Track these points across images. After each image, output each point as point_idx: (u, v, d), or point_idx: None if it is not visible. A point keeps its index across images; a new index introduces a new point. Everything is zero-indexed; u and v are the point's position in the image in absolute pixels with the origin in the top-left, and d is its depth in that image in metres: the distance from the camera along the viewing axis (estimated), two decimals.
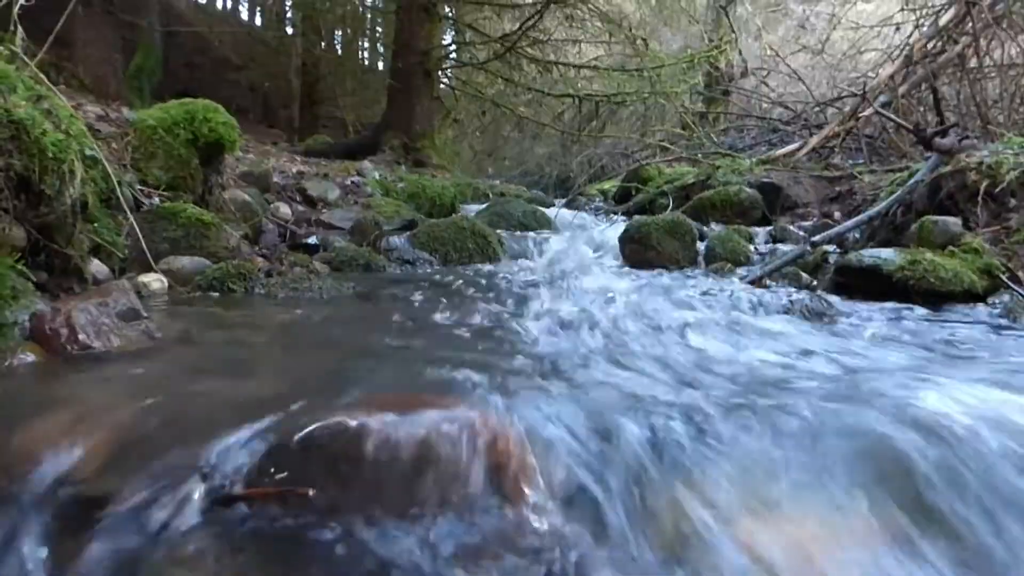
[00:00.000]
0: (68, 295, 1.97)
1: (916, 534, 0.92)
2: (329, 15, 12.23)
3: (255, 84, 14.44)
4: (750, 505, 0.95)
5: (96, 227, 2.38)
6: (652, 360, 1.72)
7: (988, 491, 1.00)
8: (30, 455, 0.90)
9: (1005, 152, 3.32)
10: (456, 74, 10.30)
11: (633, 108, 10.61)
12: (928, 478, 1.02)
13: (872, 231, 3.69)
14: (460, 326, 1.97)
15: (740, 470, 1.02)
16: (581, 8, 8.71)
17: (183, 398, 1.10)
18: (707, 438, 1.10)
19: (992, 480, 1.02)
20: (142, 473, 0.89)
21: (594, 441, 1.08)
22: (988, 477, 1.02)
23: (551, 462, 1.02)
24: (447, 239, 4.07)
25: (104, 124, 3.49)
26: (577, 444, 1.07)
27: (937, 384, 1.38)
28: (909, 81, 6.24)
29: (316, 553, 0.84)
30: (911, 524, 0.94)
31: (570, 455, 1.04)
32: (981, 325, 2.35)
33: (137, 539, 0.82)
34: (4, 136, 1.82)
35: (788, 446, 1.09)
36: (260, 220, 3.71)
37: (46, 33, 3.09)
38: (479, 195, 6.96)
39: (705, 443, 1.08)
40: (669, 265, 3.99)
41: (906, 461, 1.05)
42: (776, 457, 1.06)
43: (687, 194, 6.04)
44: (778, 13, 13.16)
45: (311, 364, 1.54)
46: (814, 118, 8.21)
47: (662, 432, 1.11)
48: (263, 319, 2.10)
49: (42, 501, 0.86)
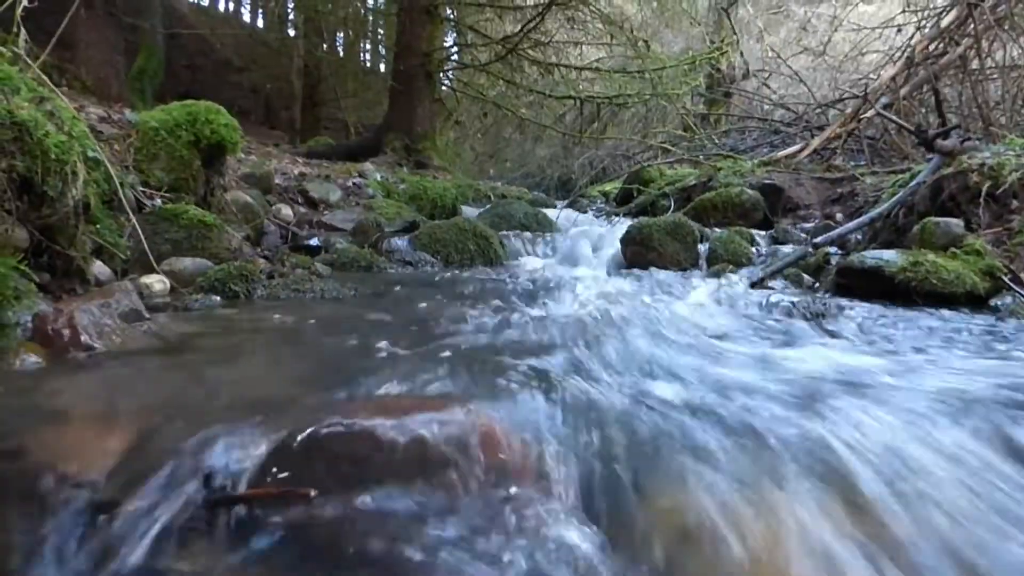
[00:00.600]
0: (70, 296, 1.98)
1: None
2: (331, 17, 12.25)
3: (257, 86, 14.47)
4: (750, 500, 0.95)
5: (98, 228, 2.38)
6: (651, 361, 1.72)
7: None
8: (34, 457, 0.90)
9: (1007, 153, 3.32)
10: (458, 76, 10.30)
11: (634, 110, 10.62)
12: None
13: (874, 233, 3.69)
14: (461, 327, 1.97)
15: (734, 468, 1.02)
16: (582, 10, 8.72)
17: (185, 399, 1.10)
18: (697, 438, 1.10)
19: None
20: (145, 474, 0.90)
21: (594, 440, 1.08)
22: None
23: (551, 462, 1.02)
24: (448, 241, 4.07)
25: (106, 126, 3.50)
26: (578, 445, 1.07)
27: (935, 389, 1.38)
28: (911, 83, 6.24)
29: (317, 553, 0.84)
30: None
31: (572, 456, 1.04)
32: (983, 327, 2.35)
33: (141, 540, 0.82)
34: (7, 137, 1.82)
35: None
36: (262, 222, 3.71)
37: (48, 35, 3.09)
38: (480, 197, 6.97)
39: (695, 443, 1.08)
40: (670, 266, 3.99)
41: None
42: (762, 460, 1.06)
43: (688, 196, 6.04)
44: (780, 15, 13.16)
45: (313, 365, 1.54)
46: (816, 120, 8.20)
47: (661, 430, 1.11)
48: (265, 320, 2.11)
49: (50, 501, 0.86)
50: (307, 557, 0.83)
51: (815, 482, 1.00)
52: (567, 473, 1.01)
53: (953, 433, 1.16)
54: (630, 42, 8.86)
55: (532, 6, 8.92)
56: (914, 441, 1.12)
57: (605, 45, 9.66)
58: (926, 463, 1.06)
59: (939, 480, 1.02)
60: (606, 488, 0.99)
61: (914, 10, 7.11)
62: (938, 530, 0.92)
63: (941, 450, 1.10)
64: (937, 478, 1.02)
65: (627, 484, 0.99)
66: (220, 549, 0.83)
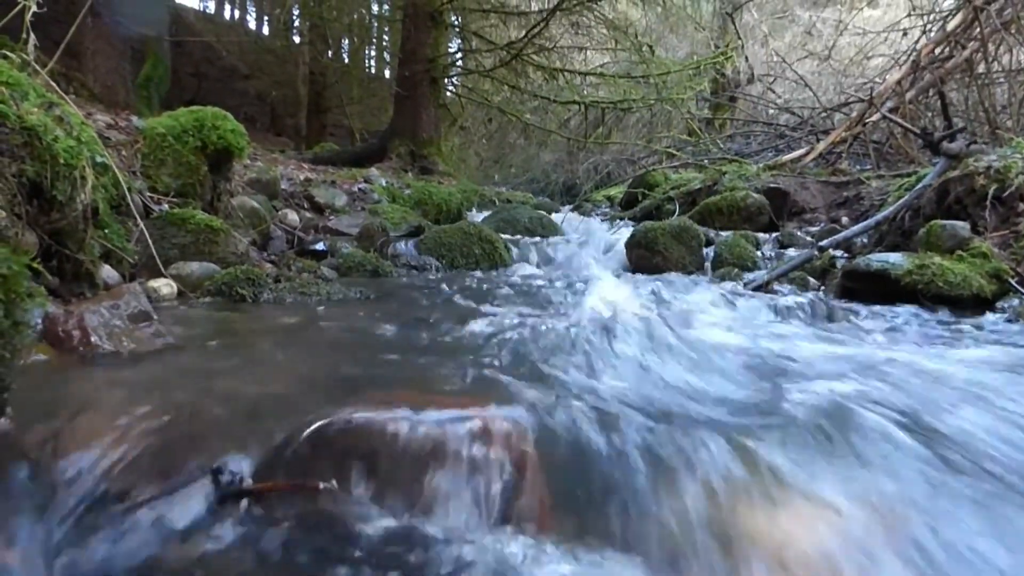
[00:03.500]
0: (79, 300, 1.99)
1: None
2: (336, 24, 12.29)
3: (262, 93, 14.54)
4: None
5: (106, 233, 2.39)
6: (652, 366, 1.72)
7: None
8: (51, 456, 0.91)
9: (1014, 156, 3.31)
10: (462, 81, 10.34)
11: (639, 115, 10.63)
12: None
13: (880, 236, 3.68)
14: (465, 330, 1.97)
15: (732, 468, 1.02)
16: (587, 15, 8.74)
17: (195, 397, 1.11)
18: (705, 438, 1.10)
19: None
20: (157, 470, 0.91)
21: (601, 439, 1.08)
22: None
23: (559, 461, 1.03)
24: (454, 245, 4.08)
25: (114, 132, 3.52)
26: (583, 443, 1.07)
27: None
28: (916, 86, 6.23)
29: (324, 546, 0.84)
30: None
31: (577, 454, 1.05)
32: (990, 329, 2.34)
33: (152, 534, 0.83)
34: (17, 142, 1.84)
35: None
36: (268, 226, 3.73)
37: (55, 44, 3.12)
38: (485, 202, 6.98)
39: (703, 443, 1.08)
40: (675, 270, 3.99)
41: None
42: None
43: (693, 200, 6.05)
44: (784, 20, 13.17)
45: (319, 365, 1.54)
46: (821, 124, 8.21)
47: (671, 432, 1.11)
48: (271, 322, 2.11)
49: (65, 496, 0.87)
50: (314, 549, 0.84)
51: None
52: (574, 471, 1.01)
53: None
54: (634, 47, 8.88)
55: (536, 12, 8.95)
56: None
57: (610, 50, 9.67)
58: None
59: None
60: (612, 485, 0.99)
61: (920, 14, 7.11)
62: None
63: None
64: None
65: (633, 481, 0.99)
66: (229, 543, 0.83)
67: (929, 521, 0.92)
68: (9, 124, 1.83)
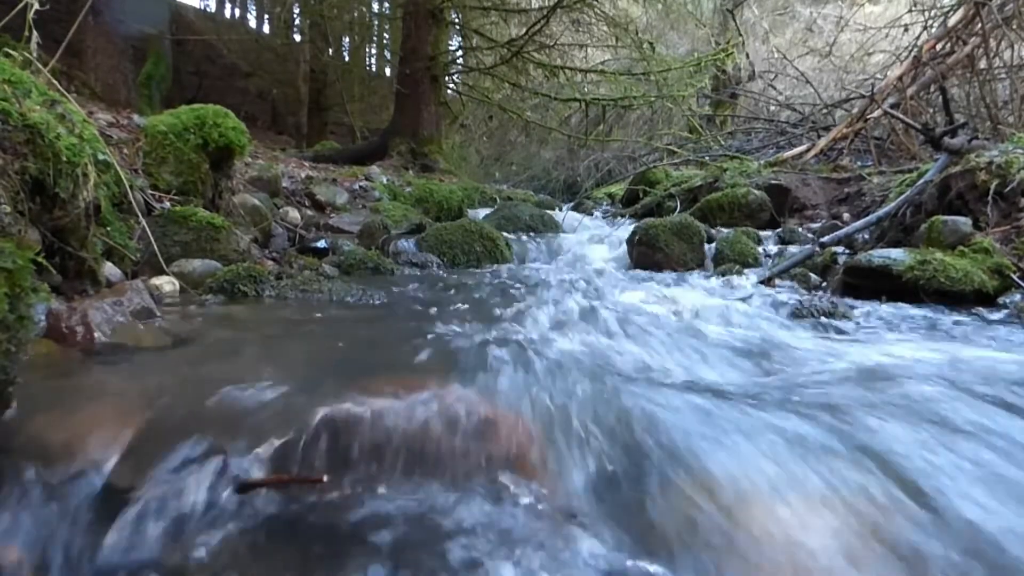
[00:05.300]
0: (82, 297, 1.99)
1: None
2: (336, 22, 12.29)
3: (263, 91, 14.52)
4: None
5: (109, 230, 2.40)
6: (654, 359, 1.72)
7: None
8: (58, 448, 0.92)
9: (1015, 152, 3.31)
10: (463, 79, 10.32)
11: (640, 112, 10.62)
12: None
13: (881, 232, 3.68)
14: (467, 326, 1.98)
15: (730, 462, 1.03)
16: (587, 13, 8.72)
17: (199, 391, 1.11)
18: (705, 428, 1.10)
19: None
20: (163, 463, 0.91)
21: (600, 429, 1.09)
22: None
23: (554, 447, 1.04)
24: (455, 242, 4.08)
25: (115, 130, 3.53)
26: (582, 431, 1.08)
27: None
28: (918, 82, 6.22)
29: (328, 533, 0.85)
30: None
31: (572, 442, 1.05)
32: (991, 324, 2.34)
33: (160, 525, 0.84)
34: (20, 139, 1.84)
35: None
36: (270, 224, 3.73)
37: (57, 42, 3.12)
38: (486, 199, 6.98)
39: (703, 434, 1.09)
40: (677, 267, 3.99)
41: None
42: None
43: (695, 197, 6.05)
44: (785, 16, 13.15)
45: (321, 359, 1.55)
46: (822, 120, 8.20)
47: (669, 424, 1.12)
48: (273, 319, 2.12)
49: (74, 489, 0.88)
50: (319, 537, 0.84)
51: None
52: (572, 460, 1.02)
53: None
54: (635, 44, 8.86)
55: (537, 9, 8.93)
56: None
57: (610, 47, 9.66)
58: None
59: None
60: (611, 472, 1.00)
61: (921, 9, 7.09)
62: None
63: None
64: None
65: (632, 468, 1.00)
66: (232, 534, 0.84)
67: (935, 518, 0.92)
68: (12, 121, 1.83)
